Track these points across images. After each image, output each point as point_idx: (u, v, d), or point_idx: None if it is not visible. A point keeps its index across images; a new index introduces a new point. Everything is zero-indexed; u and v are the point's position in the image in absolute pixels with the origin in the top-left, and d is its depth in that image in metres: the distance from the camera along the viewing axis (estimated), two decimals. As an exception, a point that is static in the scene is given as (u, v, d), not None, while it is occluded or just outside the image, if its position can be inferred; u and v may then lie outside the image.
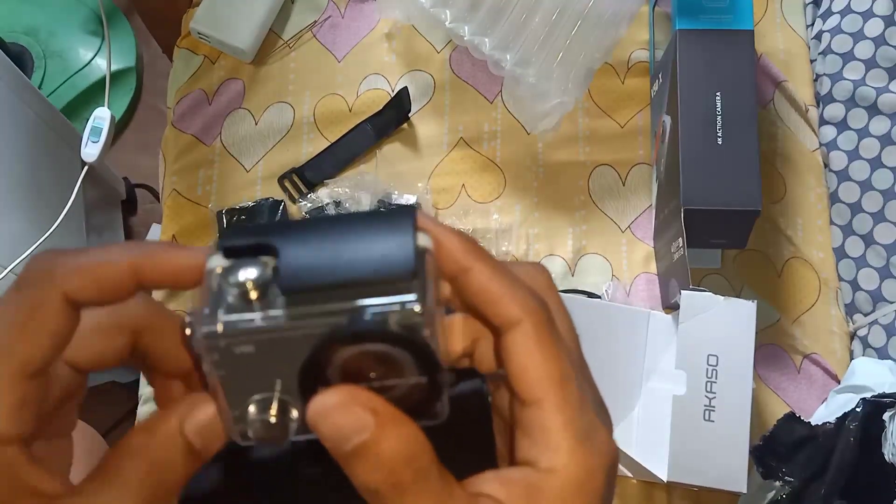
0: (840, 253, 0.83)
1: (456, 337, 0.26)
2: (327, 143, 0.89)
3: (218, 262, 0.24)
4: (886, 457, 0.67)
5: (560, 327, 0.26)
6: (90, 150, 0.95)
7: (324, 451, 0.26)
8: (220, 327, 0.23)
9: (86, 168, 0.95)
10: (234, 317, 0.23)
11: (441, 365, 0.24)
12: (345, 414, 0.22)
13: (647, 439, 0.72)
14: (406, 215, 0.24)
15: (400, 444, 0.22)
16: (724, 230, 0.75)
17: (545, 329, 0.25)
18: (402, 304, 0.23)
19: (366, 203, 0.84)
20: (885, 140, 0.81)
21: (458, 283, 0.25)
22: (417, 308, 0.23)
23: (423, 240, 0.24)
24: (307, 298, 0.23)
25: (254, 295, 0.23)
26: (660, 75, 0.83)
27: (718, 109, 0.73)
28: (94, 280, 0.25)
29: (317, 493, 0.27)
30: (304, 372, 0.23)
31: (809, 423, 0.71)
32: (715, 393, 0.66)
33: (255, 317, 0.23)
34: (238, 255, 0.24)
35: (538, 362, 0.24)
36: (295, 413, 0.24)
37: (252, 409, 0.24)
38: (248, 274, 0.23)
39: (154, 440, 0.24)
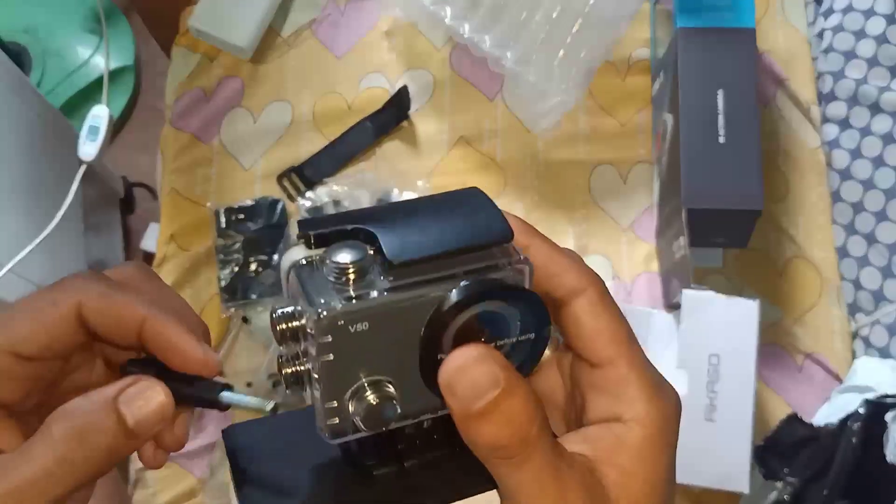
0: (842, 252, 0.83)
1: None
2: (326, 142, 0.88)
3: (300, 254, 0.25)
4: (888, 458, 0.67)
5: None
6: (88, 149, 0.94)
7: (393, 452, 0.26)
8: (339, 306, 0.23)
9: (84, 167, 0.95)
10: (352, 293, 0.23)
11: (549, 312, 0.25)
12: (482, 369, 0.22)
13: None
14: (478, 192, 0.26)
15: (526, 400, 0.23)
16: (725, 229, 0.74)
17: (607, 295, 0.26)
18: (513, 261, 0.24)
19: (365, 202, 0.84)
20: (888, 139, 0.80)
21: None
22: (525, 266, 0.24)
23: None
24: (414, 271, 0.23)
25: (353, 277, 0.23)
26: (661, 73, 0.83)
27: (720, 108, 0.73)
28: (104, 312, 0.27)
29: (387, 492, 0.27)
30: (426, 341, 0.24)
31: (811, 423, 0.70)
32: (716, 392, 0.66)
33: (375, 291, 0.23)
34: (325, 243, 0.24)
35: (607, 324, 0.26)
36: (391, 389, 0.24)
37: (349, 396, 0.24)
38: (346, 257, 0.23)
39: (86, 402, 0.25)
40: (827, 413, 0.74)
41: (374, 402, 0.24)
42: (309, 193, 0.86)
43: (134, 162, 1.38)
